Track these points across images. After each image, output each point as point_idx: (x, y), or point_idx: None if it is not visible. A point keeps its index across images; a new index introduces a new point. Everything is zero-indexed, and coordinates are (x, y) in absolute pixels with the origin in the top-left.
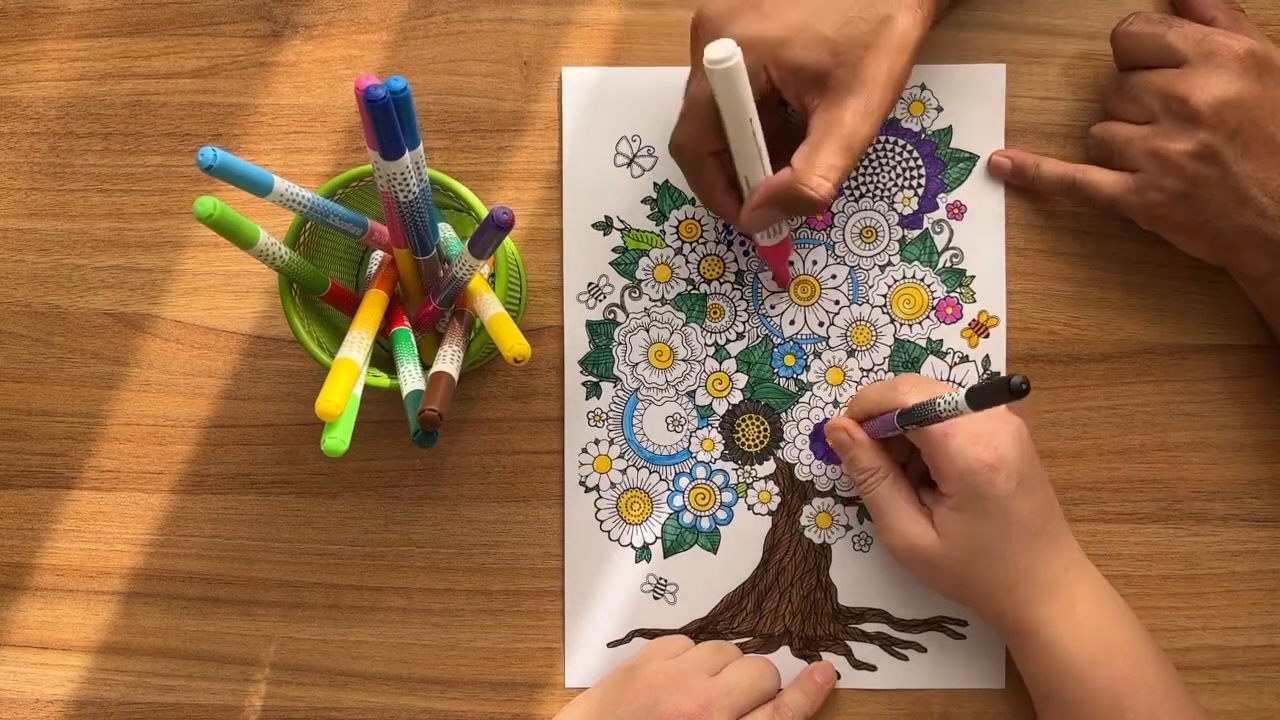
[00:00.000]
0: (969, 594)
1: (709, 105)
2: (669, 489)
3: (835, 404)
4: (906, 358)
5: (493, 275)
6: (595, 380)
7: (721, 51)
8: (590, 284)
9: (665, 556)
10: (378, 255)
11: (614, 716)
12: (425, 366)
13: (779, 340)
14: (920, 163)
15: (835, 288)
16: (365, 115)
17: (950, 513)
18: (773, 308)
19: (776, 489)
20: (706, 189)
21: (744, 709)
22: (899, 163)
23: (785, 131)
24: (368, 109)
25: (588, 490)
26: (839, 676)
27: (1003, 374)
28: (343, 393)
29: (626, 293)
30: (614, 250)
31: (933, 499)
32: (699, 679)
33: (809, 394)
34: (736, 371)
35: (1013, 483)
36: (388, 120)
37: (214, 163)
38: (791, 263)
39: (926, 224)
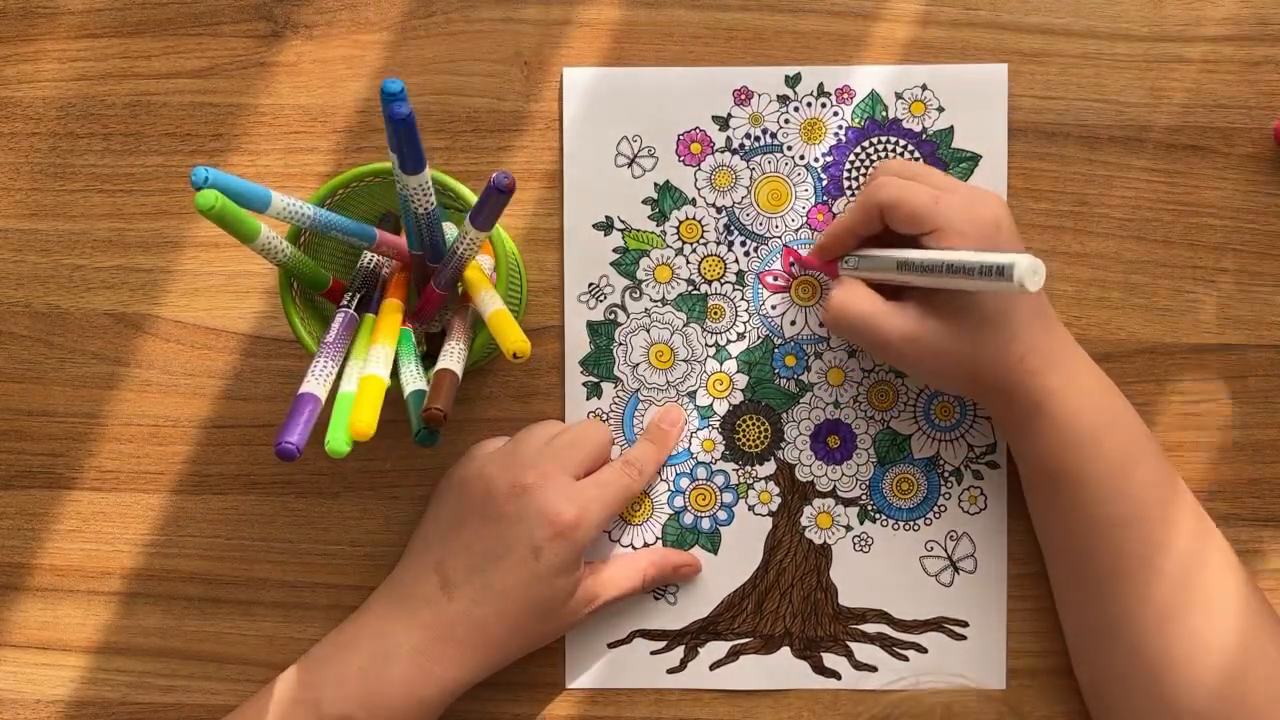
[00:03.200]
0: (980, 370)
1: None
2: (669, 489)
3: (836, 404)
4: None
5: (493, 275)
6: (596, 381)
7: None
8: (591, 284)
9: None
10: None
11: (469, 552)
12: (426, 356)
13: (780, 341)
14: (921, 163)
15: None
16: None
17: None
18: (774, 308)
19: (777, 489)
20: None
21: (584, 467)
22: None
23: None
24: (391, 126)
25: None
26: (688, 421)
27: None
28: (373, 411)
29: (627, 293)
30: (614, 250)
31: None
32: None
33: (810, 394)
34: (737, 372)
35: (1017, 242)
36: (410, 136)
37: (205, 185)
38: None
39: None
